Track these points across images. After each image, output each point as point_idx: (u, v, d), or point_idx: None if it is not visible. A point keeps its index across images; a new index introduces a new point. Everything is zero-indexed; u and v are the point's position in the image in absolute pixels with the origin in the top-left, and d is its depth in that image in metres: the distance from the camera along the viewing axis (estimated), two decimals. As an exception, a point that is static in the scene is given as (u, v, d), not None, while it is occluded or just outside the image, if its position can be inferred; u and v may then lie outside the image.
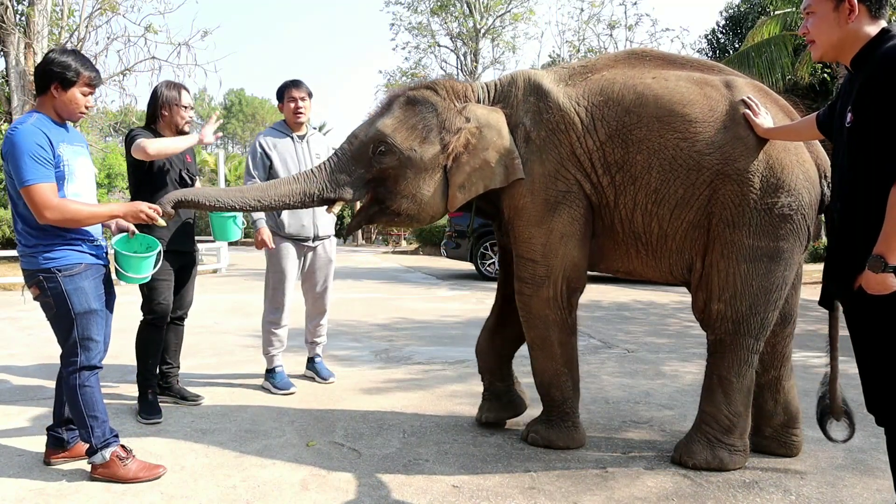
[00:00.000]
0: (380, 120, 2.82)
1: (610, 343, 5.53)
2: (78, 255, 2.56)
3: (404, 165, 2.77)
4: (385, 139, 2.76)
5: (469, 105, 2.82)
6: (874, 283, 1.75)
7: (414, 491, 2.51)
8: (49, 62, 2.50)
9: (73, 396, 2.56)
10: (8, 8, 13.47)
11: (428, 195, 2.80)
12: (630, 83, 2.72)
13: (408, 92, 2.88)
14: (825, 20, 1.92)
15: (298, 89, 3.96)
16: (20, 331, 6.15)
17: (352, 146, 2.85)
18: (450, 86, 2.88)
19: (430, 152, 2.76)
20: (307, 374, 4.24)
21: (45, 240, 2.51)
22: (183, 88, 3.55)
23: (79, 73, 2.51)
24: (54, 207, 2.42)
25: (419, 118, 2.78)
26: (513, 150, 2.76)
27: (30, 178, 2.40)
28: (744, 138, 2.58)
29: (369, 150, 2.80)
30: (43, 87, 2.54)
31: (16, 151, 2.41)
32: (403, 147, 2.75)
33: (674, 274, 2.80)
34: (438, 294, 9.27)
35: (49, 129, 2.50)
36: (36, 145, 2.43)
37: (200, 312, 7.17)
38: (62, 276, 2.50)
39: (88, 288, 2.56)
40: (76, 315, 2.52)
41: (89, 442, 2.59)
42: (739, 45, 16.39)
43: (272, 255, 3.95)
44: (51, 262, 2.50)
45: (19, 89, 13.66)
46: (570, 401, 2.91)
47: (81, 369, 2.55)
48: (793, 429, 2.86)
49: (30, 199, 2.42)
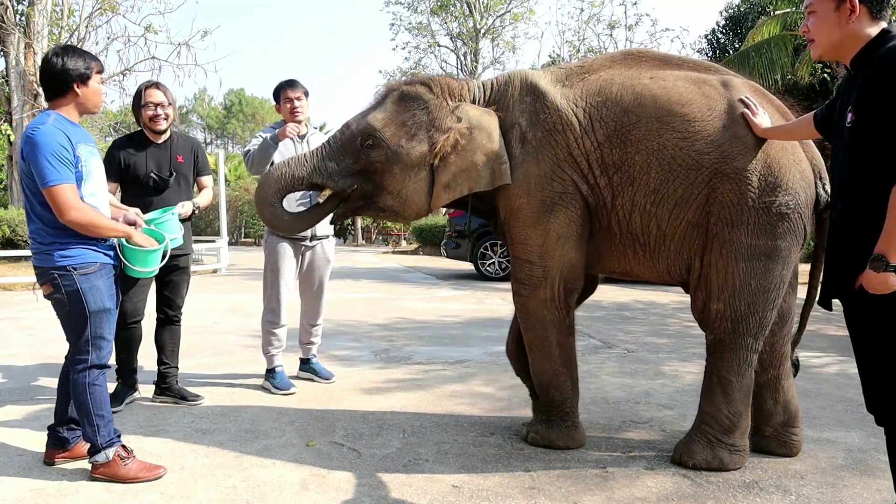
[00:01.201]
0: (371, 113, 2.85)
1: (610, 343, 5.54)
2: (94, 254, 2.59)
3: (391, 161, 2.78)
4: (374, 133, 2.78)
5: (462, 105, 2.82)
6: (875, 283, 1.75)
7: (414, 491, 2.51)
8: (63, 64, 2.54)
9: (81, 395, 2.58)
10: (8, 8, 13.47)
11: (412, 192, 2.81)
12: (628, 83, 2.72)
13: (402, 87, 2.89)
14: (826, 20, 1.92)
15: (294, 89, 3.94)
16: (20, 331, 6.16)
17: (342, 136, 2.88)
18: (445, 83, 2.89)
19: (417, 150, 2.77)
20: (305, 376, 4.21)
21: (61, 238, 2.53)
22: (151, 87, 3.58)
23: (90, 65, 2.59)
24: (78, 209, 2.48)
25: (410, 115, 2.79)
26: (501, 155, 2.75)
27: (53, 180, 2.44)
28: (742, 137, 2.58)
29: (358, 142, 2.82)
30: (61, 89, 2.57)
31: (38, 152, 2.45)
32: (391, 142, 2.77)
33: (672, 274, 2.80)
34: (438, 294, 9.27)
35: (68, 129, 2.54)
36: (58, 145, 2.47)
37: (200, 312, 7.18)
38: (78, 275, 2.53)
39: (103, 287, 2.60)
40: (91, 313, 2.55)
41: (93, 440, 2.59)
42: (739, 45, 16.39)
43: (269, 253, 3.94)
44: (66, 260, 2.53)
45: (19, 89, 13.66)
46: (569, 401, 2.91)
47: (92, 367, 2.58)
48: (792, 428, 2.86)
49: (53, 199, 2.46)
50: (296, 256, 3.99)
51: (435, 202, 2.83)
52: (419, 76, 3.18)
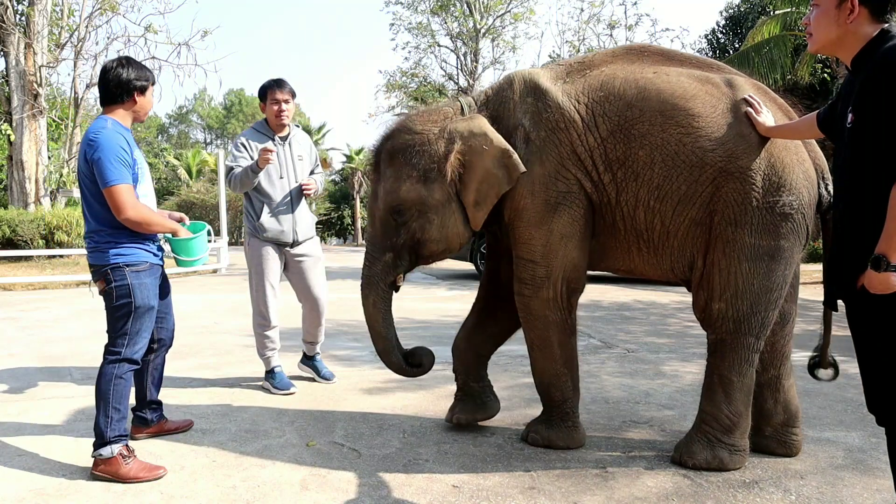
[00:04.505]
0: (380, 189, 2.88)
1: (610, 343, 5.53)
2: (145, 253, 2.79)
3: (423, 212, 2.81)
4: (394, 204, 2.81)
5: (447, 125, 2.81)
6: (877, 283, 1.75)
7: (414, 491, 2.51)
8: (127, 75, 2.76)
9: (105, 384, 2.68)
10: (8, 8, 13.46)
11: (452, 227, 2.85)
12: (631, 78, 2.71)
13: (385, 146, 2.90)
14: (826, 15, 1.92)
15: (282, 90, 3.90)
16: (20, 331, 6.16)
17: (375, 227, 2.93)
18: (423, 114, 2.91)
19: (437, 189, 2.78)
20: (305, 373, 4.20)
21: (117, 237, 2.73)
22: None
23: (149, 77, 2.84)
24: (135, 207, 2.67)
25: (409, 166, 2.80)
26: (507, 149, 2.74)
27: (114, 179, 2.63)
28: (746, 136, 2.58)
29: (391, 220, 2.85)
30: (122, 97, 2.77)
31: (103, 154, 2.63)
32: (414, 198, 2.79)
33: (675, 272, 2.79)
34: (438, 294, 9.27)
35: (125, 134, 2.75)
36: (120, 148, 2.67)
37: (200, 312, 7.18)
38: (129, 271, 2.72)
39: (150, 285, 2.78)
40: (136, 308, 2.72)
41: (103, 431, 2.65)
42: (739, 45, 16.39)
43: (252, 257, 3.91)
44: (120, 258, 2.72)
45: (19, 89, 13.66)
46: (570, 401, 2.91)
47: (123, 360, 2.71)
48: (792, 428, 2.86)
49: (112, 198, 2.64)
50: (280, 258, 3.95)
51: (474, 223, 2.84)
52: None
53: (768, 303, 2.62)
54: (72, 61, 15.02)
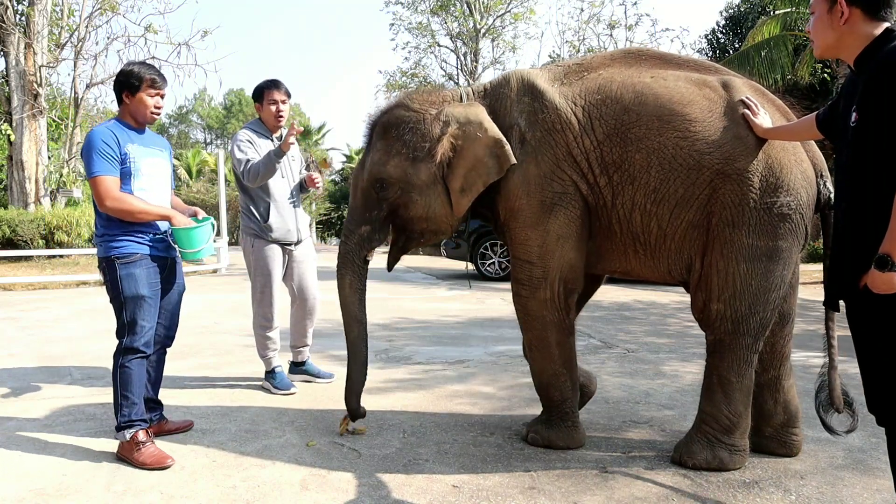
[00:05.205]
0: (367, 160, 2.88)
1: (610, 343, 5.53)
2: (137, 245, 2.85)
3: (406, 191, 2.83)
4: (379, 176, 2.83)
5: (444, 108, 2.82)
6: (880, 283, 1.75)
7: (414, 491, 2.51)
8: (119, 74, 2.89)
9: (113, 373, 2.82)
10: (8, 8, 13.46)
11: (437, 208, 2.86)
12: (629, 82, 2.71)
13: (381, 119, 2.91)
14: (821, 21, 1.93)
15: (279, 91, 3.89)
16: (20, 331, 6.16)
17: (356, 198, 2.94)
18: (422, 94, 2.91)
19: (423, 169, 2.80)
20: (302, 379, 4.17)
21: (111, 230, 2.83)
22: None
23: (141, 79, 2.86)
24: (114, 198, 2.75)
25: (400, 142, 2.81)
26: (500, 139, 2.75)
27: (95, 171, 2.75)
28: (743, 138, 2.58)
29: (373, 193, 2.87)
30: (119, 98, 2.90)
31: (88, 148, 2.78)
32: (398, 175, 2.81)
33: (672, 274, 2.79)
34: (438, 294, 9.27)
35: (119, 131, 2.84)
36: (103, 143, 2.77)
37: (200, 312, 7.18)
38: (119, 263, 2.80)
39: (140, 275, 2.83)
40: (125, 298, 2.80)
41: (117, 418, 2.81)
42: (739, 45, 16.40)
43: (257, 259, 3.90)
44: (112, 251, 2.81)
45: (19, 89, 13.66)
46: (569, 401, 2.91)
47: (125, 350, 2.82)
48: (792, 428, 2.86)
49: (94, 189, 2.76)
50: (283, 259, 3.95)
51: (457, 209, 2.84)
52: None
53: (767, 303, 2.62)
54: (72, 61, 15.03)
